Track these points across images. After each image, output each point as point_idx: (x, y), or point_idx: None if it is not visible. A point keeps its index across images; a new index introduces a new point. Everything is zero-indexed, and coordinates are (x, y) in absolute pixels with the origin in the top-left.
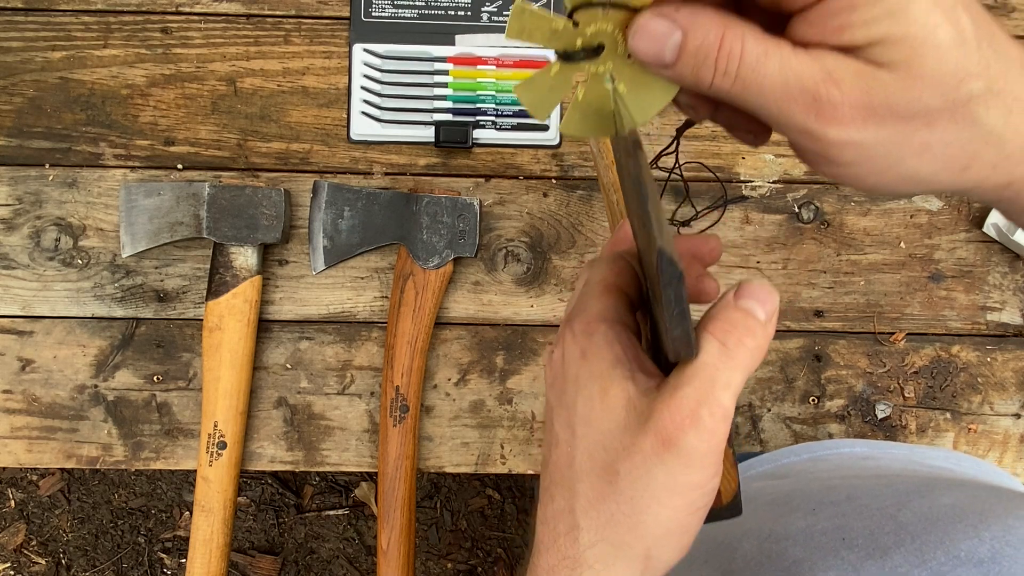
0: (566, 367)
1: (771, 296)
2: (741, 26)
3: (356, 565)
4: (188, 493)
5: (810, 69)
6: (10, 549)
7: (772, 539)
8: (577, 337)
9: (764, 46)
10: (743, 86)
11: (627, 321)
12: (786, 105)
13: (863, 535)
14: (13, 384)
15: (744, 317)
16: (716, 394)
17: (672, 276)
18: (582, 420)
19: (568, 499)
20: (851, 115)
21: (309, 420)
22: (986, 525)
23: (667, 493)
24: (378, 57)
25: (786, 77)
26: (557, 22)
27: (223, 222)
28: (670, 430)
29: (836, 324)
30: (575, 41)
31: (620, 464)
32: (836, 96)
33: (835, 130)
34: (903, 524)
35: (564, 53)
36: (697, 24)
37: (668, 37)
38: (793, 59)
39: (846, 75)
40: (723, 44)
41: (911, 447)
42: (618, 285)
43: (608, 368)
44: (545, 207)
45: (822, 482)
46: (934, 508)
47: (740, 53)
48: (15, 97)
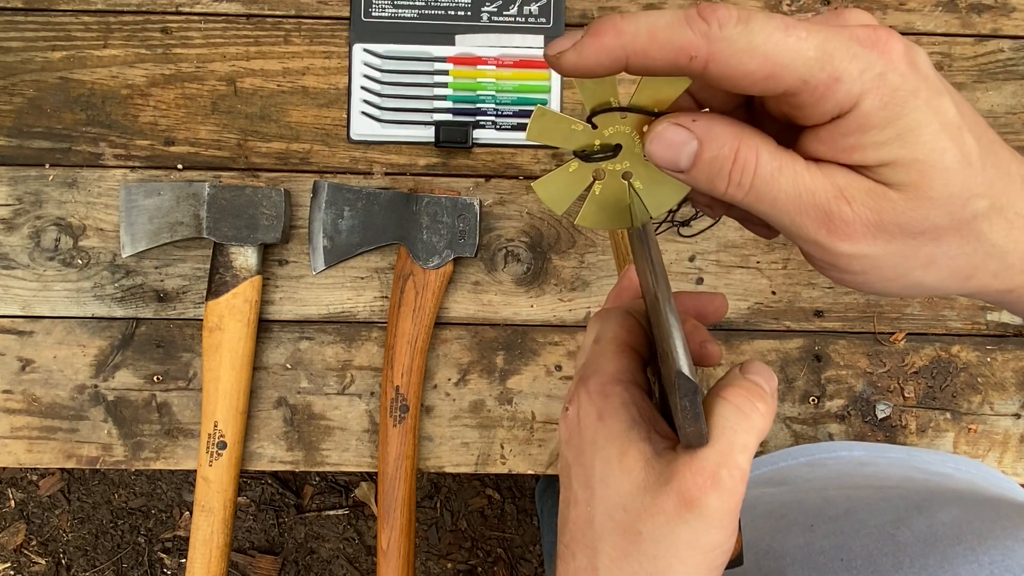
0: (582, 428)
1: (772, 375)
2: (756, 138)
3: (356, 565)
4: (188, 493)
5: (822, 185)
6: (10, 549)
7: (770, 556)
8: (593, 398)
9: (778, 160)
10: (756, 197)
11: (640, 382)
12: (798, 218)
13: (862, 556)
14: (13, 384)
15: (754, 387)
16: (735, 456)
17: (688, 390)
18: (600, 481)
19: (590, 558)
20: (861, 231)
21: (309, 420)
22: (985, 548)
23: (689, 552)
24: (378, 57)
25: (799, 192)
26: (576, 124)
27: (223, 222)
28: (692, 491)
29: (836, 324)
30: (593, 142)
31: (642, 524)
32: (847, 213)
33: (845, 245)
34: (902, 545)
35: (583, 153)
36: (712, 135)
37: (684, 145)
38: (806, 174)
39: (857, 193)
40: (738, 156)
41: (909, 451)
42: (630, 344)
43: (625, 430)
44: (545, 207)
45: (820, 493)
46: (933, 527)
47: (754, 166)
48: (15, 97)
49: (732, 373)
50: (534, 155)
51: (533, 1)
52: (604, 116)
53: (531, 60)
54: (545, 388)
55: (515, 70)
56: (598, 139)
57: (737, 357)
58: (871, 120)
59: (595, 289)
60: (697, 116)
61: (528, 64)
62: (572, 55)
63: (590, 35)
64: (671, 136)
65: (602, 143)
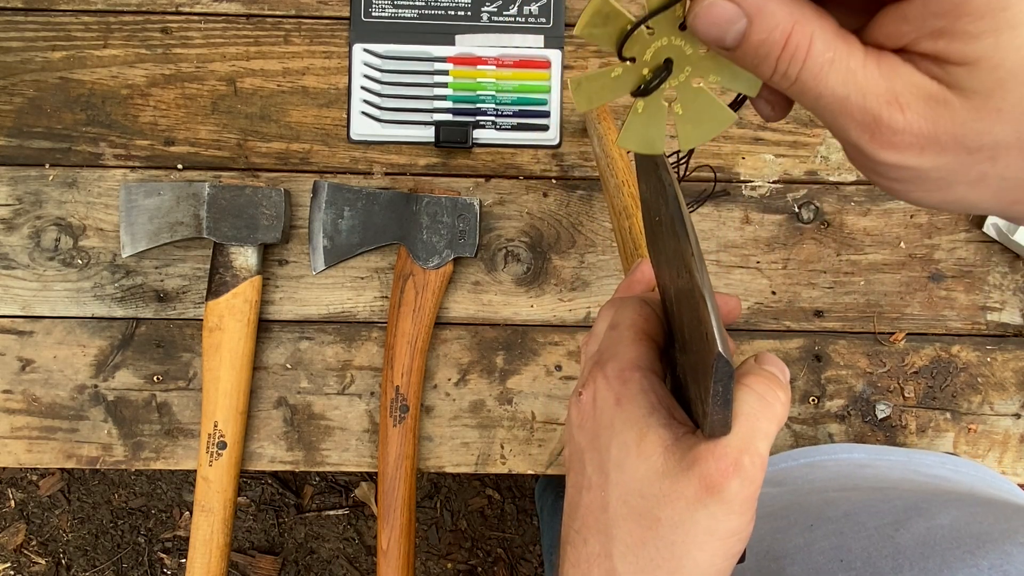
0: (598, 412)
1: (786, 368)
2: (812, 22)
3: (356, 565)
4: (188, 493)
5: (876, 86)
6: (10, 549)
7: (770, 556)
8: (611, 383)
9: (832, 51)
10: (800, 90)
11: (657, 370)
12: (842, 119)
13: (861, 557)
14: (13, 384)
15: (773, 376)
16: (756, 443)
17: (725, 374)
18: (616, 466)
19: (603, 544)
20: (909, 141)
21: (309, 420)
22: (984, 552)
23: (708, 538)
24: (378, 57)
25: (848, 92)
26: (614, 70)
27: (223, 222)
28: (714, 477)
29: (836, 324)
30: (642, 72)
31: (660, 510)
32: (898, 122)
33: (889, 154)
34: (901, 548)
35: (640, 89)
36: (765, 14)
37: (732, 24)
38: (860, 71)
39: (913, 100)
40: (788, 42)
41: (908, 452)
42: (648, 332)
43: (644, 415)
44: (545, 207)
45: (819, 494)
46: (932, 529)
47: (804, 56)
48: (15, 97)
49: (748, 363)
50: (534, 155)
51: (533, 1)
52: (634, 43)
53: (531, 60)
54: (545, 388)
55: (515, 70)
56: (645, 68)
57: (737, 358)
58: (973, 2)
59: (595, 289)
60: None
61: (528, 64)
62: None
63: None
64: (718, 13)
65: (651, 69)
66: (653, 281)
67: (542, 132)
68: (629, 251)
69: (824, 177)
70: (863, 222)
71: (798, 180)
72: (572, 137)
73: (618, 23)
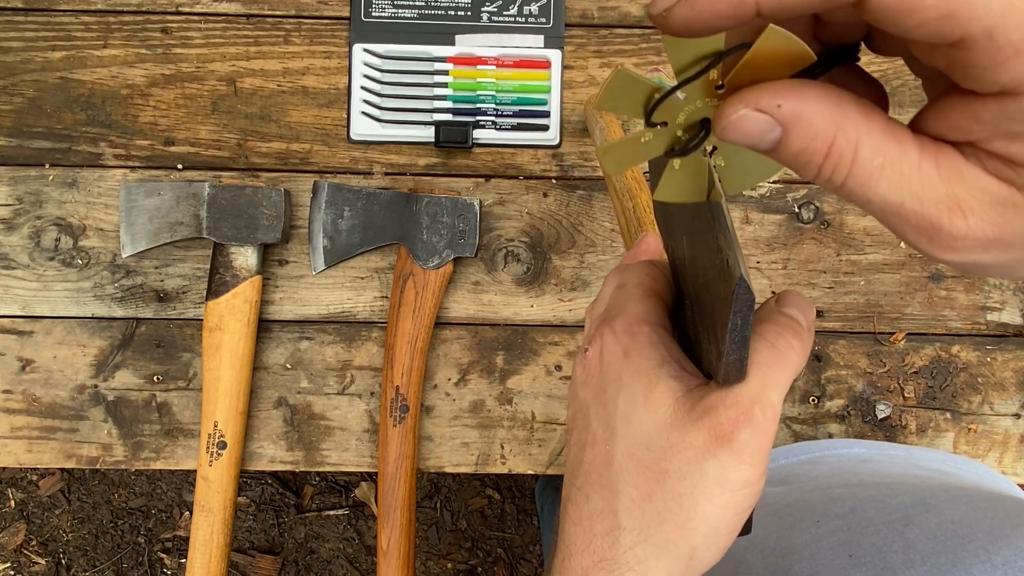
0: (605, 366)
1: (809, 306)
2: (858, 126)
3: (356, 565)
4: (188, 493)
5: (934, 192)
6: (10, 549)
7: (778, 553)
8: (619, 336)
9: (882, 156)
10: (847, 194)
11: (667, 325)
12: (896, 223)
13: (871, 553)
14: (13, 384)
15: (790, 322)
16: (768, 393)
17: (745, 303)
18: (623, 419)
19: (608, 499)
20: (972, 245)
21: (309, 420)
22: (997, 548)
23: (718, 489)
24: (378, 57)
25: (902, 198)
26: (644, 135)
27: (223, 222)
28: (725, 426)
29: (836, 324)
30: (675, 134)
31: (668, 462)
32: (960, 228)
33: (949, 255)
34: (911, 542)
35: (673, 151)
36: (802, 123)
37: (764, 134)
38: (915, 177)
39: (978, 205)
40: (832, 151)
41: (908, 448)
42: (657, 291)
43: (654, 367)
44: (545, 207)
45: (824, 491)
46: (942, 525)
47: (850, 164)
48: (15, 97)
49: (767, 307)
50: (534, 155)
51: (533, 1)
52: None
53: (531, 60)
54: (545, 388)
55: (515, 70)
56: (679, 129)
57: None
58: None
59: (595, 289)
60: (784, 93)
61: (528, 64)
62: (683, 9)
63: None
64: (748, 125)
65: (685, 130)
66: (659, 252)
67: (542, 132)
68: (633, 229)
69: None
70: (863, 222)
71: (798, 180)
72: (572, 137)
73: (642, 91)
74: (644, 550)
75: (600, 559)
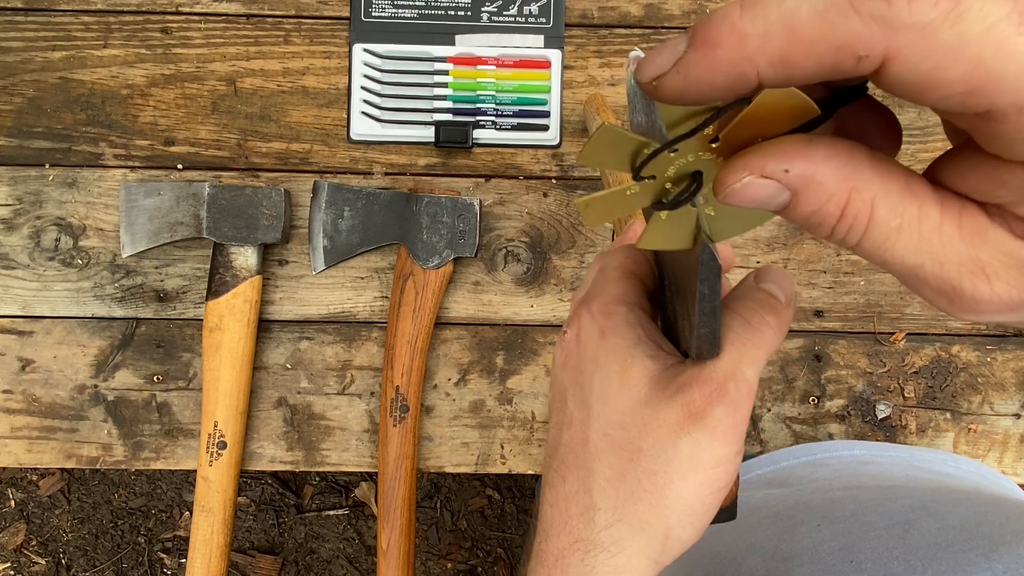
0: (582, 347)
1: (789, 281)
2: (873, 186)
3: (356, 565)
4: (188, 493)
5: (956, 256)
6: (10, 549)
7: (778, 557)
8: (596, 317)
9: (900, 216)
10: (864, 254)
11: (645, 306)
12: (915, 283)
13: (871, 558)
14: (13, 384)
15: (767, 298)
16: (743, 369)
17: (711, 270)
18: (599, 398)
19: (583, 480)
20: (997, 308)
21: (309, 420)
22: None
23: (692, 467)
24: (378, 57)
25: (921, 261)
26: (630, 188)
27: (223, 222)
28: (698, 403)
29: (836, 324)
30: (664, 187)
31: (642, 440)
32: (984, 293)
33: (970, 317)
34: (912, 548)
35: (661, 203)
36: (812, 188)
37: (772, 199)
38: (935, 239)
39: (1003, 269)
40: (845, 213)
41: (910, 449)
42: (636, 272)
43: (629, 347)
44: (545, 207)
45: (825, 494)
46: (943, 531)
47: (866, 225)
48: (15, 97)
49: (745, 283)
50: (534, 155)
51: (533, 1)
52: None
53: (531, 60)
54: (545, 388)
55: (515, 70)
56: (668, 181)
57: None
58: None
59: None
60: (791, 156)
61: (528, 64)
62: (676, 80)
63: (697, 47)
64: (754, 193)
65: (675, 183)
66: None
67: (542, 132)
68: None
69: None
70: None
71: None
72: (572, 137)
73: (630, 147)
74: (619, 530)
75: (575, 540)
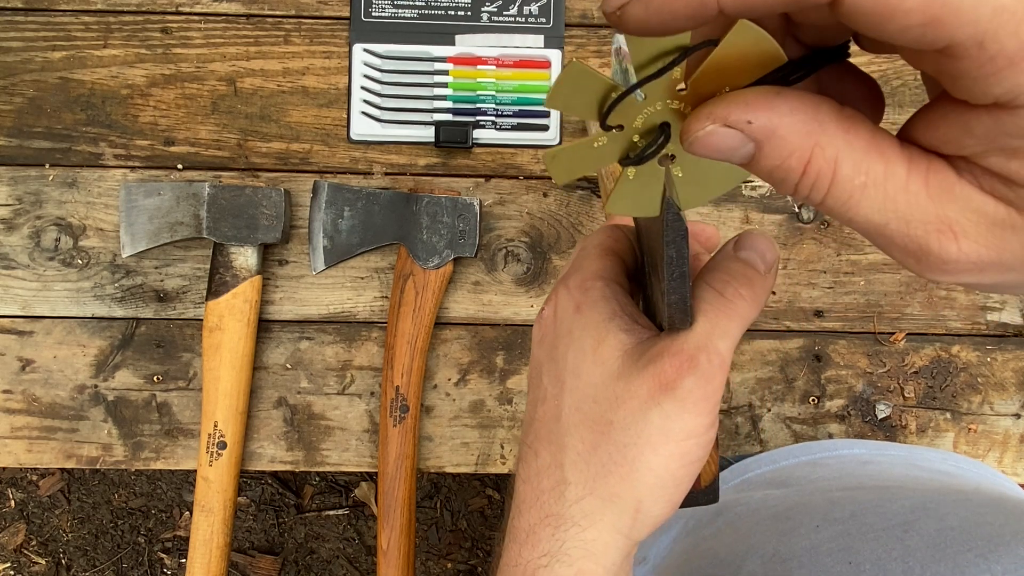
0: (559, 322)
1: (771, 247)
2: (836, 141)
3: (356, 565)
4: (188, 493)
5: (922, 214)
6: (10, 549)
7: (777, 559)
8: (572, 292)
9: (864, 173)
10: (828, 212)
11: (622, 282)
12: (881, 242)
13: (870, 560)
14: (13, 384)
15: (743, 268)
16: (715, 341)
17: (677, 232)
18: (572, 373)
19: (555, 454)
20: (965, 268)
21: (309, 420)
22: (996, 556)
23: (662, 439)
24: (378, 57)
25: (886, 219)
26: (597, 139)
27: (223, 222)
28: (669, 373)
29: (836, 324)
30: (631, 139)
31: (613, 413)
32: (951, 252)
33: (940, 277)
34: (911, 550)
35: (630, 158)
36: (776, 139)
37: (735, 151)
38: (901, 197)
39: (972, 227)
40: (808, 169)
41: (910, 448)
42: (615, 250)
43: (604, 321)
44: (545, 207)
45: (824, 495)
46: (942, 532)
47: (830, 181)
48: (15, 97)
49: (723, 251)
50: (534, 155)
51: (533, 1)
52: (623, 110)
53: (531, 60)
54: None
55: (515, 70)
56: (636, 134)
57: (737, 357)
58: None
59: None
60: (755, 106)
61: (528, 64)
62: (638, 8)
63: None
64: (717, 141)
65: (643, 135)
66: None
67: (542, 132)
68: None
69: None
70: None
71: None
72: (572, 137)
73: (598, 90)
74: (589, 504)
75: (546, 515)
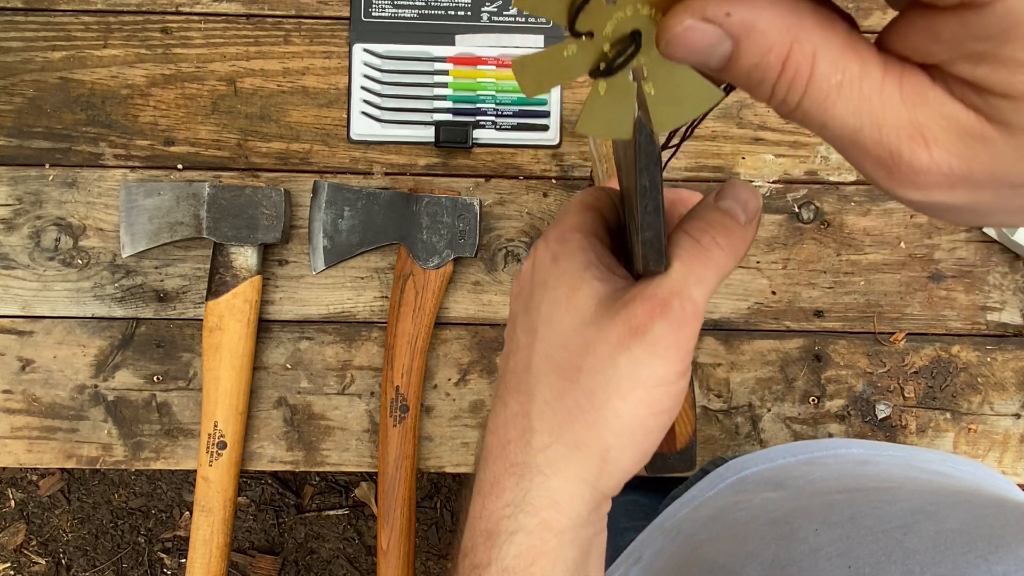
0: (535, 273)
1: (753, 196)
2: (814, 37)
3: (356, 565)
4: (188, 493)
5: (895, 118)
6: (10, 549)
7: (776, 565)
8: (550, 244)
9: (841, 72)
10: (803, 117)
11: (601, 235)
12: (853, 151)
13: (870, 563)
14: (13, 384)
15: (722, 217)
16: (688, 288)
17: (651, 158)
18: (545, 322)
19: (523, 403)
20: (936, 181)
21: (309, 420)
22: (997, 557)
23: (630, 384)
24: (378, 57)
25: (860, 123)
26: (567, 47)
27: (223, 222)
28: (640, 318)
29: (836, 324)
30: (601, 48)
31: (583, 359)
32: (922, 160)
33: (910, 192)
34: (911, 552)
35: (600, 69)
36: (754, 35)
37: (712, 48)
38: (875, 99)
39: (943, 134)
40: (787, 65)
41: (908, 449)
42: (596, 207)
43: (580, 270)
44: (545, 207)
45: (822, 497)
46: (941, 534)
47: (807, 80)
48: (15, 97)
49: (704, 200)
50: (534, 155)
51: None
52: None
53: None
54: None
55: None
56: (607, 43)
57: (737, 357)
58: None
59: None
60: (734, 1)
61: None
62: None
63: None
64: (695, 39)
65: (613, 44)
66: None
67: (542, 132)
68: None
69: (824, 177)
70: (863, 222)
71: (798, 180)
72: (572, 137)
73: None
74: (555, 451)
75: (511, 464)
